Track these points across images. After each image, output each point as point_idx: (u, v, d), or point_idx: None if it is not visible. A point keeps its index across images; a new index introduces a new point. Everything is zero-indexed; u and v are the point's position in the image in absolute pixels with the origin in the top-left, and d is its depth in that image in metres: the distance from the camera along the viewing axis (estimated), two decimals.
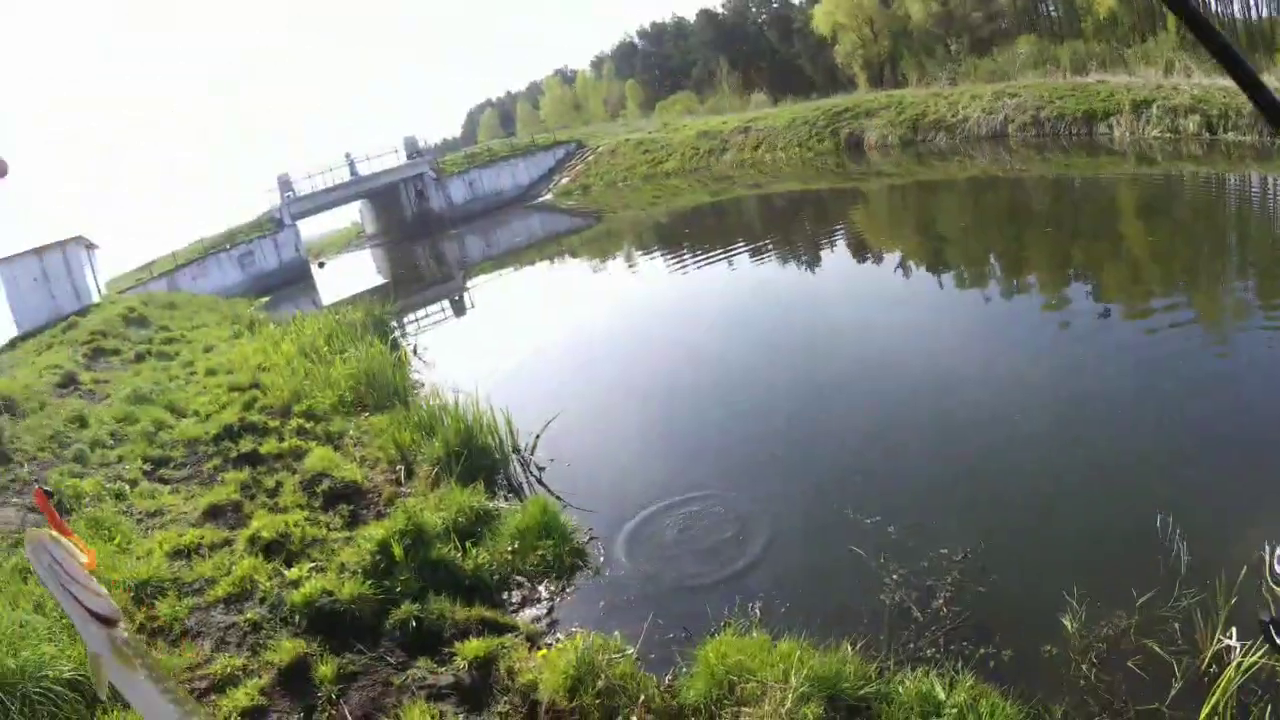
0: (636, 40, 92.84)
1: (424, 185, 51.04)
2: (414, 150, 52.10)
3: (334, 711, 5.34)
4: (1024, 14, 56.17)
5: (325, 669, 5.58)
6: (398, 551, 6.61)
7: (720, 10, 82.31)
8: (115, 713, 4.89)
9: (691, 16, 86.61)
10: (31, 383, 13.77)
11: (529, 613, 6.54)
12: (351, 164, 49.23)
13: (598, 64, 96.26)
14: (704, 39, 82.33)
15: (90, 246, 31.73)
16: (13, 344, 23.82)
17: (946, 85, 43.31)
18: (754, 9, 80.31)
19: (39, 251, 28.01)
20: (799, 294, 16.89)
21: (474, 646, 5.61)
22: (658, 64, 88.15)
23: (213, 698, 5.53)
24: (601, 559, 7.30)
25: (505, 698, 5.25)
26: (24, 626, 5.66)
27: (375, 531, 6.92)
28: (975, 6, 56.31)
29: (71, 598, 2.29)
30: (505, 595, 6.70)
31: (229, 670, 5.72)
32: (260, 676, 5.62)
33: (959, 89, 39.55)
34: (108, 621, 2.33)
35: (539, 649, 5.71)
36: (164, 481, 9.75)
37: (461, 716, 5.09)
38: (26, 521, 8.24)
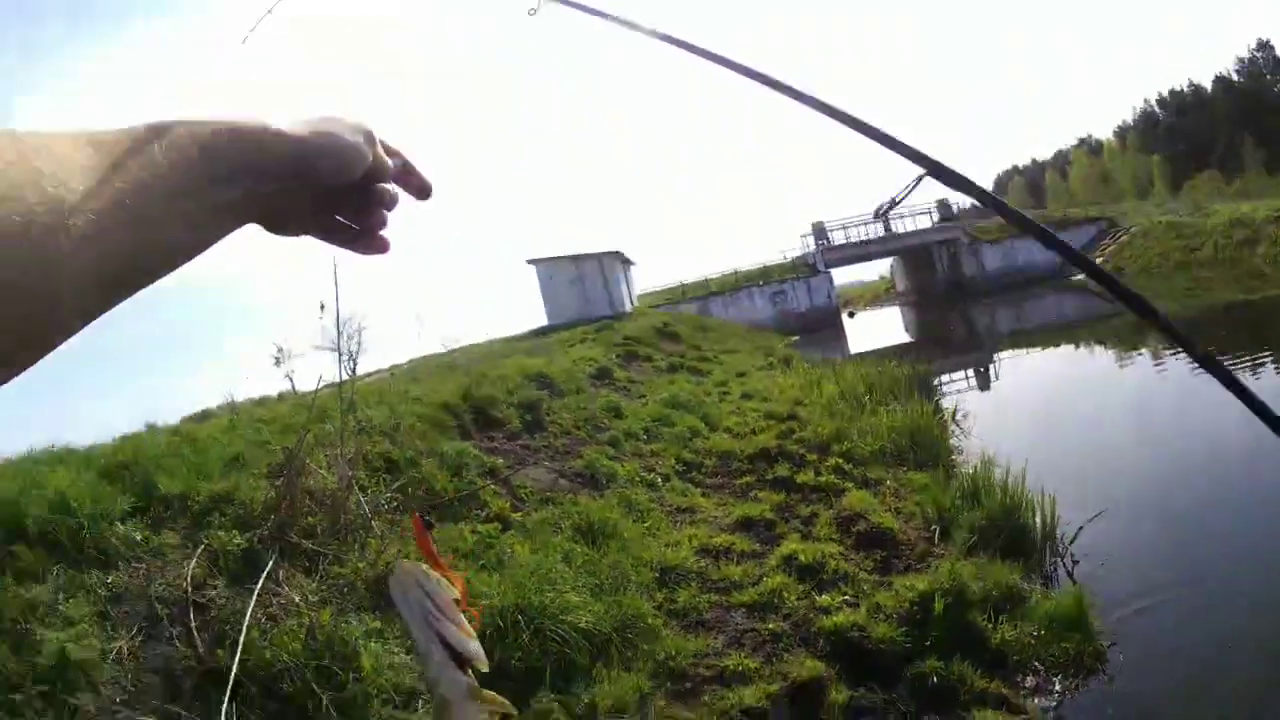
0: (1157, 110, 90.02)
1: (958, 249, 49.87)
2: (947, 213, 51.19)
3: None
4: None
5: (838, 696, 5.42)
6: (938, 606, 6.24)
7: (1235, 77, 74.20)
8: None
9: (1208, 82, 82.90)
10: (569, 368, 15.23)
11: (1039, 702, 5.84)
12: (886, 220, 49.40)
13: (1121, 134, 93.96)
14: (1223, 112, 74.48)
15: (627, 262, 35.24)
16: (543, 331, 26.99)
17: None
18: (1268, 75, 69.75)
19: (577, 259, 31.62)
20: None
21: (987, 717, 5.19)
22: (1181, 138, 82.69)
23: (714, 687, 5.64)
24: (1120, 667, 6.24)
25: None
26: (551, 573, 6.22)
27: (917, 583, 6.64)
28: None
29: (436, 636, 2.08)
30: (1020, 678, 6.02)
31: (741, 668, 5.76)
32: (771, 683, 5.58)
33: None
34: (464, 664, 2.11)
35: None
36: (695, 484, 10.22)
37: None
38: (557, 486, 9.00)
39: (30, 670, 4.61)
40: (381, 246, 0.79)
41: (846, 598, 6.67)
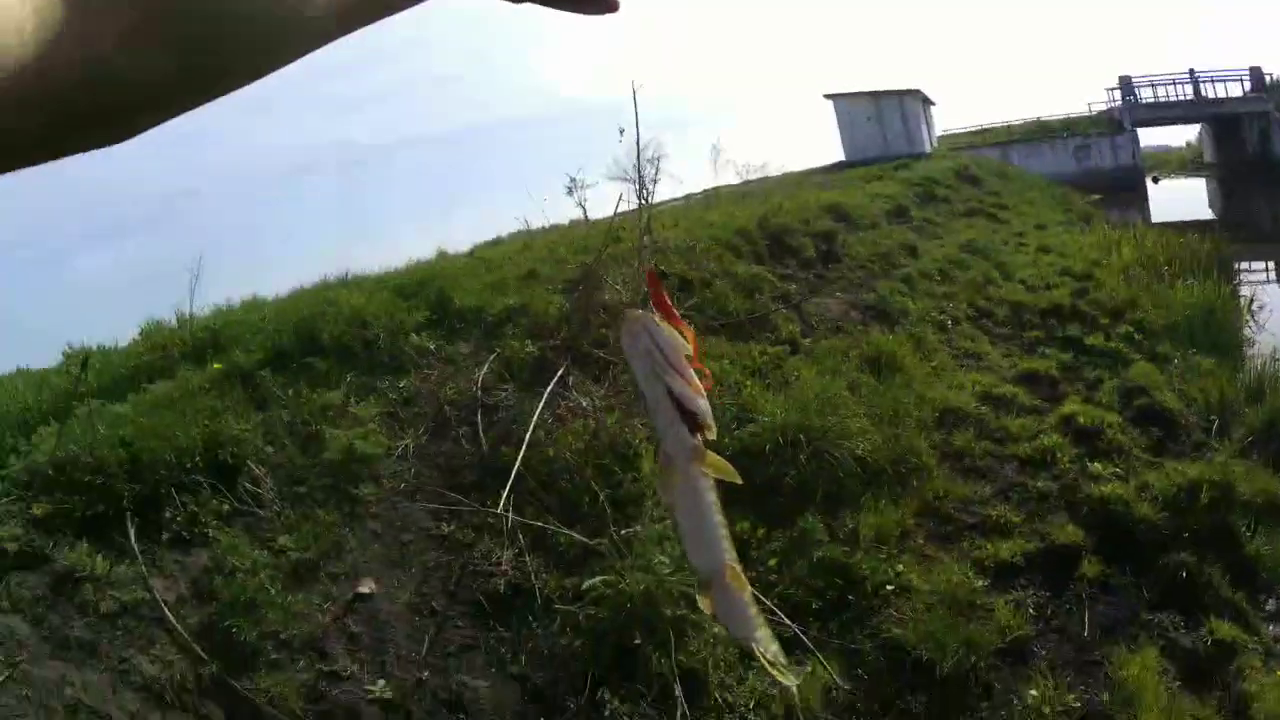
0: None
1: (1269, 125, 42.92)
2: (1259, 83, 43.63)
3: (1076, 608, 5.23)
4: None
5: (1090, 568, 5.46)
6: (1203, 499, 6.04)
7: None
8: None
9: None
10: (865, 203, 14.86)
11: (1273, 630, 5.55)
12: (1195, 81, 43.06)
13: None
14: None
15: (927, 101, 33.00)
16: (840, 167, 26.18)
17: None
18: None
19: (876, 95, 29.93)
20: None
21: (1222, 628, 5.02)
22: None
23: (973, 536, 5.85)
24: None
25: (1218, 693, 4.67)
26: (836, 398, 6.49)
27: (1188, 470, 6.40)
28: None
29: (665, 390, 1.96)
30: (1262, 598, 5.77)
31: (1004, 520, 5.95)
32: (1028, 542, 5.72)
33: None
34: (696, 424, 2.03)
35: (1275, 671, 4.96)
36: (984, 331, 10.12)
37: (1180, 685, 4.61)
38: (848, 317, 9.15)
39: (315, 465, 5.38)
40: (611, 5, 0.75)
41: (1117, 470, 6.59)
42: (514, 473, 5.35)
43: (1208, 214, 33.16)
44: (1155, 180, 46.19)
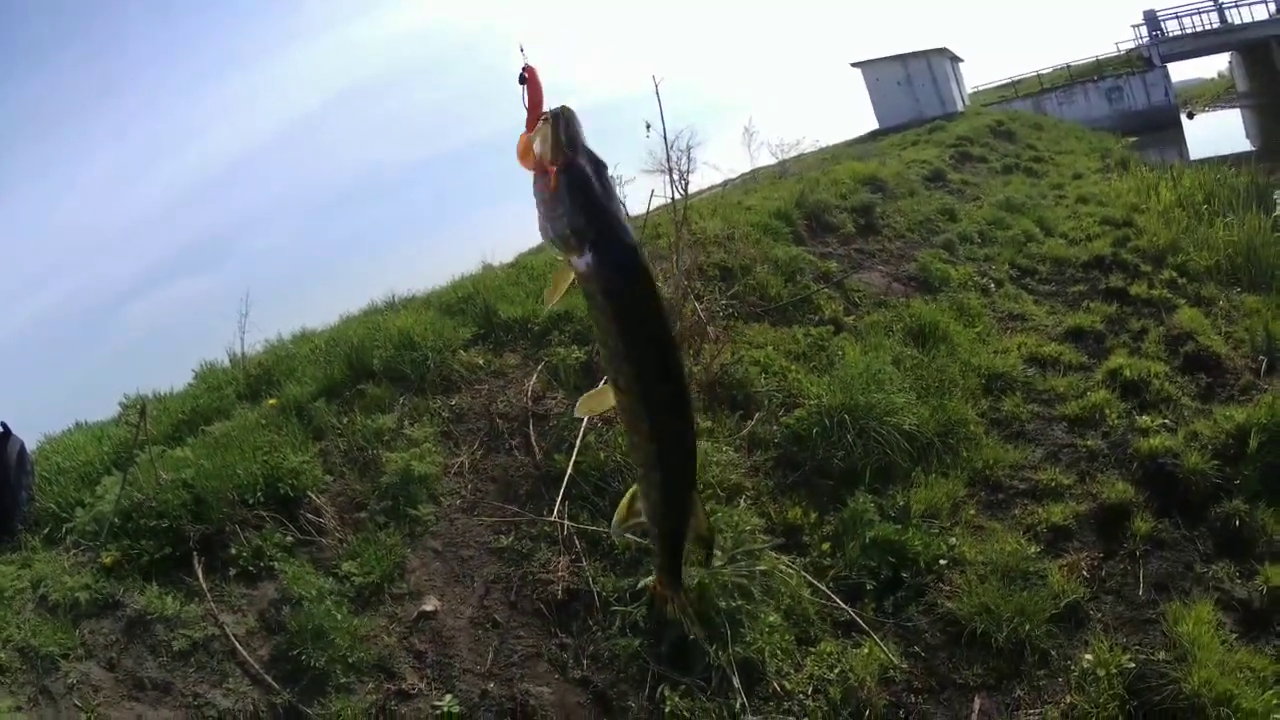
0: None
1: None
2: None
3: (1130, 566, 5.15)
4: None
5: (1141, 525, 5.37)
6: (1253, 444, 5.84)
7: None
8: None
9: None
10: (901, 171, 14.58)
11: None
12: (1220, 9, 41.03)
13: None
14: None
15: (955, 59, 32.14)
16: (873, 136, 25.66)
17: None
18: None
19: (903, 59, 29.21)
20: None
21: (1277, 575, 4.83)
22: None
23: (1025, 501, 5.76)
24: None
25: (1276, 642, 4.50)
26: (880, 374, 6.36)
27: (1236, 414, 6.20)
28: None
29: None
30: None
31: (1055, 484, 5.87)
32: (1079, 503, 5.66)
33: None
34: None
35: None
36: (1027, 290, 9.93)
37: (1237, 636, 4.50)
38: (890, 290, 9.02)
39: (374, 490, 5.35)
40: None
41: (1165, 421, 6.45)
42: (565, 479, 5.32)
43: (1246, 145, 31.88)
44: (1190, 116, 44.35)
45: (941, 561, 5.00)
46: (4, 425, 5.51)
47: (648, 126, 7.69)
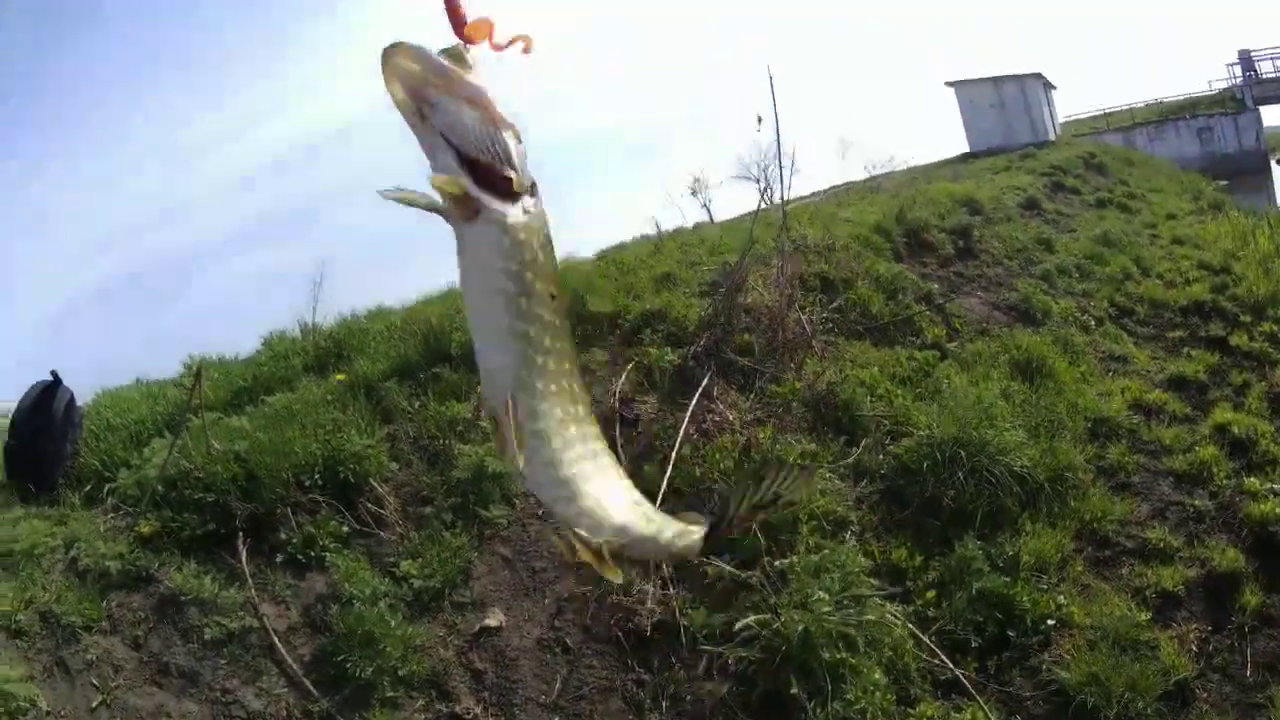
0: None
1: None
2: None
3: (1238, 643, 4.83)
4: None
5: (1251, 598, 5.08)
6: None
7: None
8: None
9: None
10: (996, 196, 14.07)
11: None
12: None
13: None
14: None
15: (1049, 86, 31.15)
16: (964, 158, 25.04)
17: None
18: None
19: (996, 81, 28.31)
20: None
21: None
22: None
23: (1132, 561, 5.44)
24: None
25: None
26: (992, 408, 6.01)
27: None
28: None
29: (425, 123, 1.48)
30: None
31: (1164, 544, 5.57)
32: (1188, 569, 5.35)
33: None
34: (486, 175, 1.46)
35: None
36: (1127, 331, 9.51)
37: None
38: (991, 318, 8.70)
39: (442, 484, 4.96)
40: None
41: (1274, 486, 6.09)
42: (660, 495, 4.89)
43: None
44: (1279, 162, 42.62)
45: (1049, 621, 4.73)
46: (54, 374, 5.37)
47: (759, 120, 7.46)
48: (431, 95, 1.44)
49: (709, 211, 9.39)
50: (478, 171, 1.45)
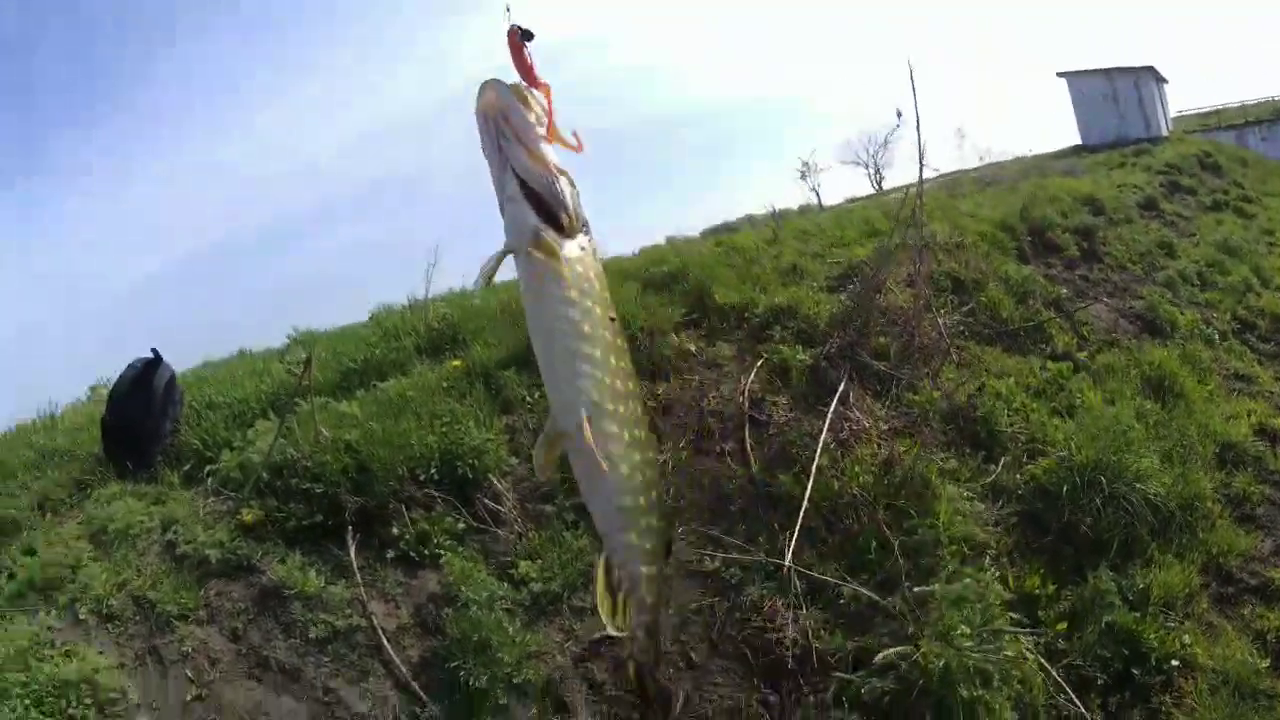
0: None
1: None
2: None
3: None
4: None
5: None
6: None
7: None
8: None
9: None
10: (1115, 194, 13.64)
11: None
12: None
13: None
14: None
15: (1160, 80, 29.77)
16: (1075, 151, 24.15)
17: None
18: None
19: (1109, 73, 27.12)
20: None
21: None
22: None
23: (1254, 601, 5.27)
24: None
25: None
26: (1129, 431, 5.79)
27: None
28: None
29: (500, 156, 1.78)
30: None
31: None
32: None
33: None
34: (542, 203, 1.77)
35: None
36: (1250, 348, 9.22)
37: None
38: (1118, 327, 8.54)
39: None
40: None
41: None
42: (800, 514, 4.70)
43: None
44: None
45: (1174, 661, 4.60)
46: (155, 351, 5.29)
47: (898, 114, 7.32)
48: (508, 133, 1.78)
49: (818, 195, 9.24)
50: (540, 202, 1.80)
